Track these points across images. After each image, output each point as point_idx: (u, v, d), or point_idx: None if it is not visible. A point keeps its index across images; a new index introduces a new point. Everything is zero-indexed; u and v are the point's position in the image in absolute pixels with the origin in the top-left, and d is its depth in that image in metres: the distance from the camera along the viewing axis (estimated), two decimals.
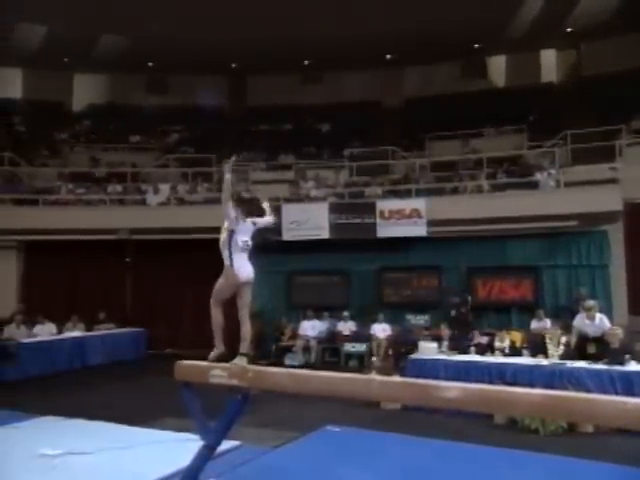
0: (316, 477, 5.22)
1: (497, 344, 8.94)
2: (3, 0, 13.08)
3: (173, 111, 17.40)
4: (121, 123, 17.25)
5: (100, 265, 13.63)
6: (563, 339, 8.25)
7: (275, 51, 15.38)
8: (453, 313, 11.44)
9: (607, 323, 8.19)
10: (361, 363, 11.18)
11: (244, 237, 4.24)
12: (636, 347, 7.88)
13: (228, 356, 4.29)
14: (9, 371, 9.83)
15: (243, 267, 4.23)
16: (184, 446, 5.02)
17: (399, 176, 14.14)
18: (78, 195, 13.81)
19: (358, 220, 12.25)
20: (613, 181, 11.23)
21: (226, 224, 4.26)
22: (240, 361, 4.18)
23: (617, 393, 6.65)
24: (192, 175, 14.73)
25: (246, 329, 4.25)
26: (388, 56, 16.78)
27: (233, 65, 17.40)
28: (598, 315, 8.25)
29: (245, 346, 4.24)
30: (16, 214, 12.75)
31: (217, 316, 4.32)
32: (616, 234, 11.76)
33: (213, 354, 4.33)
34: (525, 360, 8.15)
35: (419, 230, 11.91)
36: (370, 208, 12.28)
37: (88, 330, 12.23)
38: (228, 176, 4.15)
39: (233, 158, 4.27)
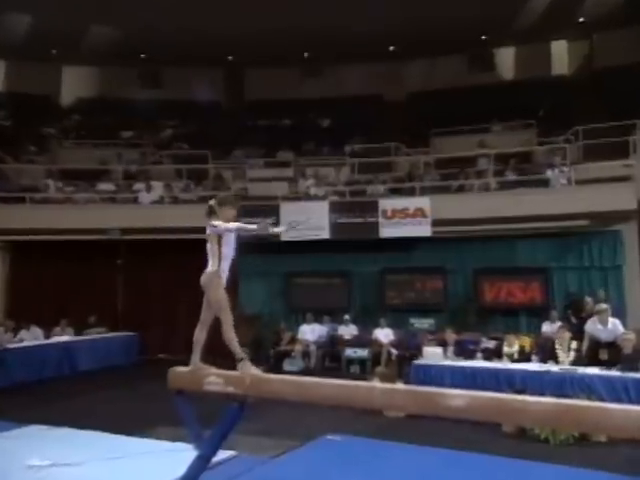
0: None
1: (505, 349, 8.94)
2: None
3: (167, 105, 17.37)
4: (112, 118, 17.21)
5: (90, 267, 13.60)
6: (574, 344, 8.25)
7: (273, 43, 15.37)
8: (575, 320, 10.28)
9: (620, 328, 8.19)
10: (363, 369, 11.18)
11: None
12: None
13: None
14: None
15: None
16: (178, 456, 5.01)
17: (402, 173, 14.14)
18: (67, 193, 13.80)
19: (360, 219, 12.24)
20: (627, 178, 11.22)
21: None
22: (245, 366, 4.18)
23: (631, 401, 6.64)
24: (187, 172, 14.72)
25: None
26: (391, 48, 16.77)
27: (230, 58, 17.40)
28: (611, 319, 8.26)
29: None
30: (2, 213, 12.70)
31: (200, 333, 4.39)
32: (630, 234, 11.76)
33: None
34: (534, 366, 8.15)
35: (423, 230, 11.91)
36: (372, 207, 12.27)
37: (77, 334, 12.22)
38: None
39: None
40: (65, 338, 11.86)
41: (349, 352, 11.60)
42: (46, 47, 16.28)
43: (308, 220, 12.26)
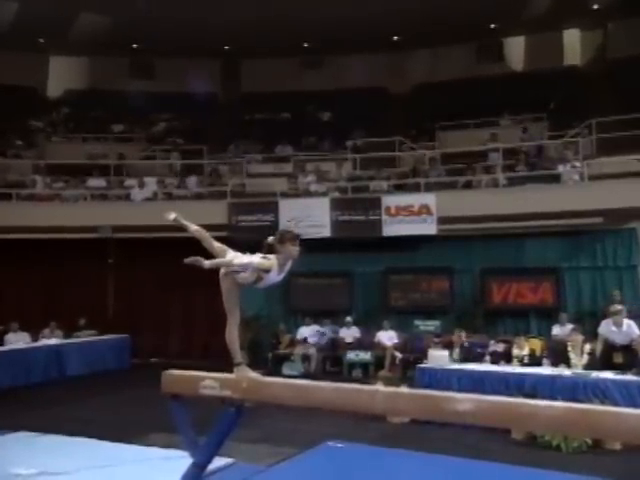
0: None
1: (515, 352, 8.94)
2: None
3: (160, 98, 17.34)
4: (103, 111, 17.21)
5: (80, 266, 13.63)
6: (587, 347, 8.25)
7: (272, 33, 15.36)
8: None
9: (636, 330, 8.19)
10: (365, 373, 11.19)
11: None
12: None
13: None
14: None
15: None
16: (172, 464, 5.00)
17: (407, 169, 14.13)
18: (55, 189, 13.80)
19: (362, 217, 12.25)
20: None
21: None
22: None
23: None
24: (181, 168, 14.71)
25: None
26: (395, 38, 16.75)
27: (226, 48, 17.38)
28: (626, 321, 8.25)
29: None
30: None
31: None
32: None
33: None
34: (545, 370, 8.15)
35: (429, 228, 11.91)
36: (375, 204, 12.27)
37: (67, 337, 12.23)
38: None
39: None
40: (54, 341, 11.86)
41: (351, 355, 11.61)
42: (33, 36, 16.22)
43: (308, 218, 12.27)
